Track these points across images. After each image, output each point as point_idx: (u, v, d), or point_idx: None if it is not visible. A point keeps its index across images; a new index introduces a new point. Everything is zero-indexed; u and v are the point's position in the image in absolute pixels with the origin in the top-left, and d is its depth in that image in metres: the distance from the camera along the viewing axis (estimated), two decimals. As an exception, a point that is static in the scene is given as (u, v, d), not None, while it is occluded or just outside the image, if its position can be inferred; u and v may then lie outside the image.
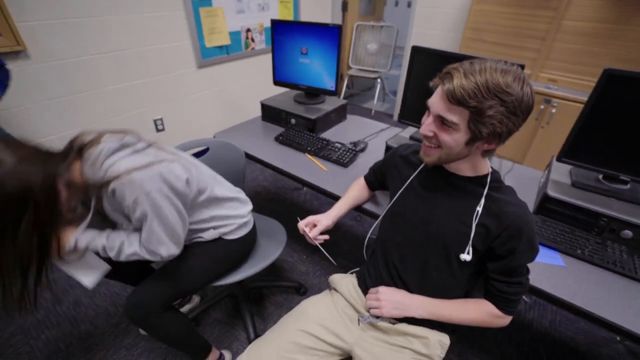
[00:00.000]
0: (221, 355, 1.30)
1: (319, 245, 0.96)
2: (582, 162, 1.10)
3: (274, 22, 1.65)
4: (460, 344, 1.43)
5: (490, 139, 0.66)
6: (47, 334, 1.44)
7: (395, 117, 3.59)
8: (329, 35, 1.53)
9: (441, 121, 0.67)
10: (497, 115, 0.62)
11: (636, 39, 2.02)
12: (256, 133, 1.70)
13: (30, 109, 1.78)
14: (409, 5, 5.34)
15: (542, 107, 2.31)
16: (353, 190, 1.12)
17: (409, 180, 0.87)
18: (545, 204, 1.09)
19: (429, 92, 1.25)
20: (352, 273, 1.03)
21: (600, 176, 1.13)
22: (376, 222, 1.02)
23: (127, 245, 0.91)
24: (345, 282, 0.98)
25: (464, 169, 0.77)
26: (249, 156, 1.48)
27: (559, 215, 1.08)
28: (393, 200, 0.90)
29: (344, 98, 4.11)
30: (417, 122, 1.35)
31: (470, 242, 0.74)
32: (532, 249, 0.73)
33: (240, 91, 2.84)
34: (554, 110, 2.26)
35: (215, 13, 2.43)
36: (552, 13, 2.23)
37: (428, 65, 1.23)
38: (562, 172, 1.19)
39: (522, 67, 1.04)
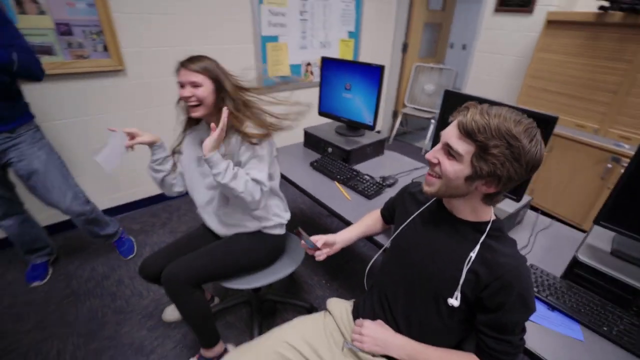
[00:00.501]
0: (226, 349, 1.40)
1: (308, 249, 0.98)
2: (623, 228, 0.99)
3: (324, 59, 1.80)
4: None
5: (490, 180, 0.67)
6: (92, 302, 1.68)
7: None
8: (372, 74, 1.62)
9: (447, 150, 0.69)
10: (500, 156, 0.64)
11: None
12: (296, 157, 1.83)
13: (123, 115, 2.15)
14: (463, 48, 5.28)
15: (609, 165, 2.09)
16: (367, 219, 1.14)
17: (412, 217, 0.88)
18: (574, 268, 0.99)
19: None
20: (350, 300, 1.04)
21: (649, 248, 1.00)
22: (377, 254, 1.03)
23: (242, 174, 1.09)
24: (340, 306, 1.00)
25: (464, 211, 0.77)
26: (284, 177, 1.60)
27: (589, 284, 0.97)
28: (394, 235, 0.91)
29: (397, 135, 4.14)
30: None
31: (460, 287, 0.72)
32: (525, 307, 0.69)
33: (293, 118, 3.05)
34: (622, 171, 2.02)
35: (280, 48, 2.71)
36: (625, 65, 2.07)
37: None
38: (603, 237, 1.08)
39: (556, 119, 1.00)
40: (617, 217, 1.00)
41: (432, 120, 3.72)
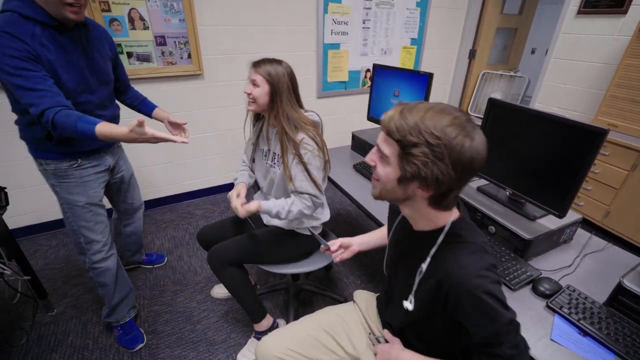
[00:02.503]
0: (275, 321, 1.54)
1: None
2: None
3: (375, 66, 1.87)
4: None
5: (421, 183, 0.62)
6: (156, 272, 1.98)
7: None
8: (420, 81, 1.64)
9: (380, 152, 0.67)
10: (421, 156, 0.59)
11: None
12: (342, 159, 1.93)
13: (199, 113, 2.50)
14: (532, 52, 4.80)
15: None
16: (384, 229, 1.12)
17: (393, 227, 0.91)
18: (618, 295, 0.91)
19: (500, 146, 1.22)
20: (377, 294, 1.10)
21: None
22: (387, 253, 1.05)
23: (291, 204, 1.27)
24: (365, 298, 1.07)
25: (419, 220, 0.74)
26: (330, 180, 1.70)
27: (634, 314, 0.88)
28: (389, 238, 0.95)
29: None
30: (488, 175, 1.31)
31: (413, 292, 0.75)
32: (488, 318, 0.62)
33: (343, 121, 3.16)
34: None
35: (340, 55, 2.84)
36: None
37: (502, 119, 1.21)
38: (664, 266, 0.96)
39: (607, 132, 0.93)
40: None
41: (498, 131, 3.48)
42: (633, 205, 2.11)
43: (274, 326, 1.52)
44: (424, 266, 0.71)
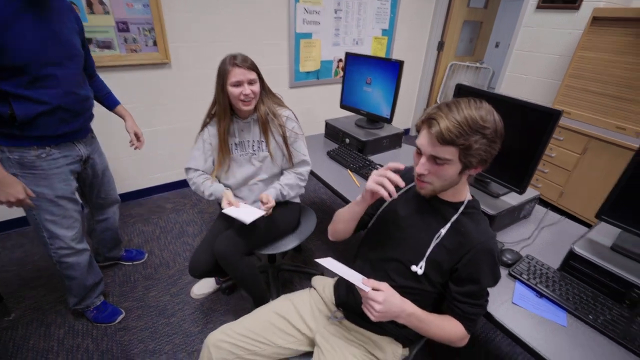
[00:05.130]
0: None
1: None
2: (626, 223, 0.97)
3: (348, 55, 1.89)
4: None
5: (479, 165, 0.75)
6: (126, 269, 1.91)
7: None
8: (391, 68, 1.68)
9: (434, 160, 0.73)
10: (482, 147, 0.71)
11: None
12: (316, 147, 1.93)
13: (167, 104, 2.41)
14: (496, 45, 5.04)
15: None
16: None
17: (399, 193, 0.93)
18: (570, 260, 1.00)
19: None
20: (334, 277, 1.13)
21: (654, 246, 0.97)
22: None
23: (290, 180, 1.41)
24: (323, 282, 1.10)
25: (447, 193, 0.83)
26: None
27: (583, 276, 0.97)
28: (382, 209, 0.97)
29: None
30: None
31: (425, 258, 0.80)
32: (494, 277, 0.79)
33: (317, 110, 3.17)
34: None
35: (313, 44, 2.84)
36: (676, 66, 1.91)
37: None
38: (606, 232, 1.06)
39: (560, 113, 1.01)
40: (620, 212, 0.98)
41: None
42: (583, 184, 2.29)
43: None
44: (444, 231, 0.80)
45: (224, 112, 1.30)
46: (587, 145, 2.22)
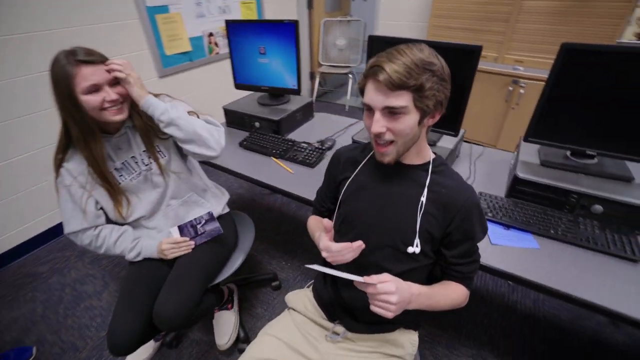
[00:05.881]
0: (230, 289, 1.49)
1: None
2: (548, 140, 1.07)
3: (228, 23, 1.58)
4: (447, 334, 1.39)
5: (434, 110, 0.68)
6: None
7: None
8: (286, 32, 1.47)
9: (389, 112, 0.65)
10: (434, 85, 0.65)
11: (595, 14, 2.04)
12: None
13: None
14: None
15: (510, 88, 2.32)
16: (316, 229, 0.91)
17: (352, 176, 0.82)
18: (516, 185, 1.06)
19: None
20: (308, 287, 0.99)
21: (568, 153, 1.11)
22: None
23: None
24: (300, 297, 0.95)
25: (410, 155, 0.75)
26: (213, 165, 1.41)
27: (530, 197, 1.06)
28: (344, 200, 0.84)
29: (318, 96, 4.06)
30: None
31: (417, 234, 0.72)
32: (484, 228, 0.75)
33: (207, 98, 2.76)
34: (522, 91, 2.26)
35: (173, 19, 2.34)
36: (512, -6, 2.24)
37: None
38: (530, 152, 1.17)
39: (480, 48, 1.01)
40: (541, 132, 1.07)
41: (350, 75, 3.71)
42: (482, 119, 2.58)
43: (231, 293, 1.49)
44: (424, 199, 0.72)
45: (88, 132, 0.92)
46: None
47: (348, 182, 0.83)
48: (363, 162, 0.82)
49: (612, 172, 1.02)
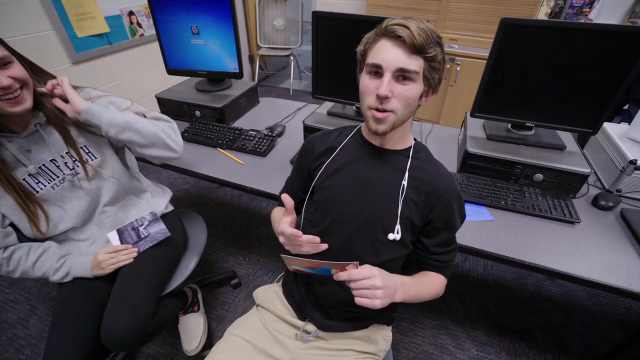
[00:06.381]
0: (193, 290, 1.37)
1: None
2: (493, 114, 1.12)
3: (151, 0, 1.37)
4: (410, 309, 1.45)
5: (435, 88, 0.67)
6: None
7: (316, 94, 3.50)
8: (220, 6, 1.32)
9: (400, 76, 0.61)
10: (441, 60, 0.63)
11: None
12: (157, 133, 1.45)
13: None
14: None
15: (447, 66, 2.41)
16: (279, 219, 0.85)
17: (327, 161, 0.76)
18: (468, 160, 1.10)
19: (340, 62, 1.16)
20: (277, 281, 0.93)
21: (509, 125, 1.17)
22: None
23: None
24: (269, 295, 0.88)
25: (393, 138, 0.71)
26: (150, 162, 1.24)
27: (480, 170, 1.10)
28: (319, 188, 0.78)
29: (259, 80, 3.88)
30: (332, 96, 1.26)
31: (398, 221, 0.69)
32: (462, 218, 0.75)
33: (134, 86, 2.45)
34: (458, 68, 2.37)
35: (79, -6, 1.99)
36: (444, -28, 2.29)
37: (334, 32, 1.12)
38: (476, 127, 1.21)
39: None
40: (486, 106, 1.11)
41: (291, 57, 3.59)
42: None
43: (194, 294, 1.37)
44: (405, 182, 0.69)
45: None
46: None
47: (323, 168, 0.77)
48: (339, 148, 0.76)
49: (547, 142, 1.10)
